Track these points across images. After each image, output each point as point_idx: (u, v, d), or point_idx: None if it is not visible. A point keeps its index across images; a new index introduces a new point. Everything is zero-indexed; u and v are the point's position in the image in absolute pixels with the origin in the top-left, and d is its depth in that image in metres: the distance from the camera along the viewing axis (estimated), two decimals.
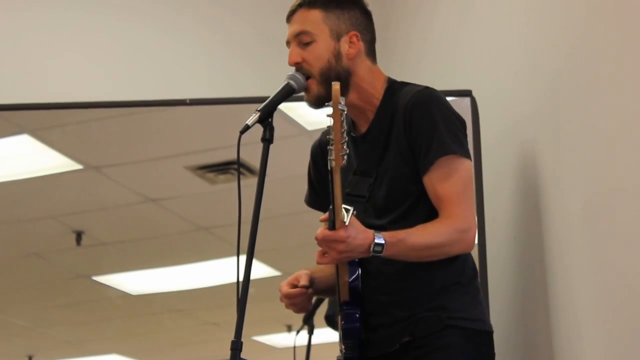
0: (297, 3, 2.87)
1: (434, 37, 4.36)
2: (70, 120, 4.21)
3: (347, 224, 2.56)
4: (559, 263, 3.17)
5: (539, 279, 3.29)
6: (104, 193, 4.31)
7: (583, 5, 3.02)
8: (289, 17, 2.88)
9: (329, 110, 2.47)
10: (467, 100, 3.65)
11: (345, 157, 2.49)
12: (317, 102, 2.82)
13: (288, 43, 2.87)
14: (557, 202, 3.18)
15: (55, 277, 4.49)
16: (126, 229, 4.42)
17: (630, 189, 2.71)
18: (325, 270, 2.89)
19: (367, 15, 2.91)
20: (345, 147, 2.47)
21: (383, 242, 2.61)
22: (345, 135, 2.47)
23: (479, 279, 2.87)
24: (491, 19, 3.79)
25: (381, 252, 2.62)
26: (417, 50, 4.52)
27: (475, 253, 3.07)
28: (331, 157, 2.48)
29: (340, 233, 2.57)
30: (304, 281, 2.88)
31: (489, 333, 2.81)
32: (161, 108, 4.19)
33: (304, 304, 2.90)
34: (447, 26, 4.24)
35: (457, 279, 2.78)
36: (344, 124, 2.46)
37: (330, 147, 2.47)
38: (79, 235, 4.32)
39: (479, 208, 3.54)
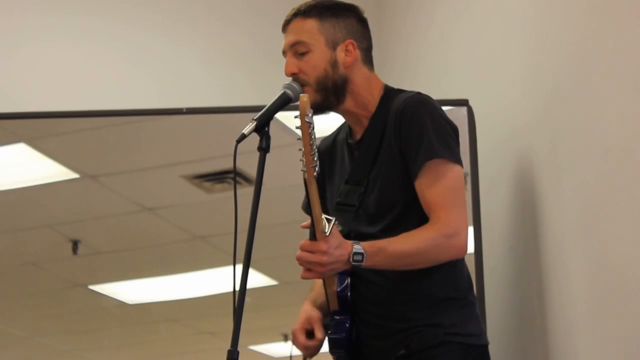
0: (293, 12, 2.86)
1: (430, 46, 4.37)
2: (67, 129, 4.21)
3: (327, 234, 2.55)
4: (555, 272, 3.17)
5: (536, 288, 3.29)
6: (101, 202, 4.31)
7: (579, 13, 3.03)
8: (285, 26, 2.88)
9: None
10: (464, 109, 3.65)
11: (317, 168, 2.49)
12: (314, 110, 2.82)
13: (284, 53, 2.87)
14: (554, 211, 3.18)
15: (52, 287, 4.48)
16: (123, 238, 4.42)
17: (626, 197, 2.71)
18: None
19: (363, 23, 2.90)
20: (315, 158, 2.47)
21: (362, 251, 2.59)
22: (314, 147, 2.47)
23: (474, 291, 2.86)
24: (487, 28, 3.79)
25: (361, 261, 2.59)
26: (414, 60, 4.52)
27: (471, 262, 3.08)
28: (303, 169, 2.48)
29: (322, 245, 2.56)
30: (319, 332, 2.85)
31: (485, 346, 2.79)
32: (158, 117, 4.18)
33: (318, 350, 2.89)
34: (443, 36, 4.24)
35: (452, 292, 2.76)
36: (313, 136, 2.46)
37: (302, 159, 2.47)
38: (75, 244, 4.31)
39: (475, 217, 3.54)
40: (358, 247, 2.60)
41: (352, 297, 2.77)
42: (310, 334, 2.88)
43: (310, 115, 2.47)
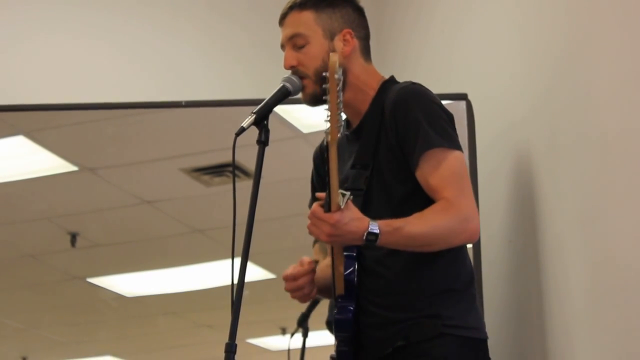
0: (289, 6, 2.86)
1: (430, 41, 4.37)
2: (66, 122, 4.21)
3: (342, 207, 2.54)
4: (554, 266, 3.17)
5: (534, 283, 3.29)
6: (99, 195, 4.31)
7: (578, 9, 3.03)
8: (281, 20, 2.87)
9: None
10: (463, 103, 3.65)
11: (341, 129, 2.46)
12: (314, 101, 2.83)
13: (283, 46, 2.87)
14: (552, 205, 3.18)
15: (50, 279, 4.48)
16: (121, 230, 4.42)
17: (625, 192, 2.71)
18: (325, 271, 2.87)
19: (359, 12, 2.90)
20: (340, 119, 2.45)
21: (377, 231, 2.58)
22: (341, 106, 2.44)
23: (475, 285, 2.86)
24: (487, 23, 3.79)
25: (375, 240, 2.59)
26: (414, 54, 4.52)
27: (470, 256, 3.07)
28: (327, 130, 2.45)
29: (332, 216, 2.55)
30: (308, 263, 2.84)
31: (484, 340, 2.78)
32: (157, 110, 4.18)
33: (308, 288, 2.85)
34: (443, 30, 4.24)
35: (453, 284, 2.75)
36: (341, 95, 2.44)
37: (327, 120, 2.45)
38: (73, 237, 4.32)
39: None
40: (374, 225, 2.58)
41: (357, 283, 2.76)
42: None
43: (340, 72, 2.43)
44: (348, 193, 2.55)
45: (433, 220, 2.66)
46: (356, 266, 2.75)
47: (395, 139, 2.75)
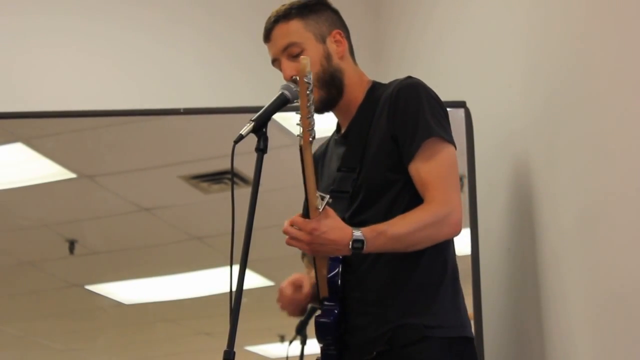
0: (272, 20, 2.87)
1: (428, 48, 4.37)
2: (65, 129, 4.21)
3: (320, 209, 2.54)
4: (552, 274, 3.17)
5: (533, 291, 3.29)
6: (98, 202, 4.31)
7: (577, 15, 3.03)
8: (268, 35, 2.89)
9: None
10: (461, 111, 3.66)
11: (313, 132, 2.47)
12: (323, 107, 2.84)
13: (274, 61, 2.88)
14: (551, 214, 3.18)
15: (48, 286, 4.48)
16: (119, 238, 4.42)
17: (622, 200, 2.71)
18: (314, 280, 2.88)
19: (337, 13, 2.93)
20: (312, 123, 2.45)
21: (362, 238, 2.59)
22: (312, 109, 2.45)
23: (459, 281, 2.83)
24: (485, 30, 3.80)
25: (362, 248, 2.59)
26: (412, 61, 4.52)
27: (468, 264, 3.08)
28: (299, 135, 2.46)
29: (309, 223, 2.56)
30: (307, 288, 2.88)
31: (469, 339, 2.76)
32: (155, 117, 4.18)
33: (302, 308, 2.91)
34: (441, 37, 4.24)
35: (437, 279, 2.74)
36: (311, 98, 2.45)
37: (298, 124, 2.45)
38: (72, 244, 4.32)
39: (472, 219, 3.54)
40: (358, 233, 2.59)
41: (342, 284, 2.76)
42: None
43: (309, 76, 2.45)
44: (327, 196, 2.56)
45: (415, 219, 2.66)
46: (340, 268, 2.75)
47: (392, 128, 2.75)
